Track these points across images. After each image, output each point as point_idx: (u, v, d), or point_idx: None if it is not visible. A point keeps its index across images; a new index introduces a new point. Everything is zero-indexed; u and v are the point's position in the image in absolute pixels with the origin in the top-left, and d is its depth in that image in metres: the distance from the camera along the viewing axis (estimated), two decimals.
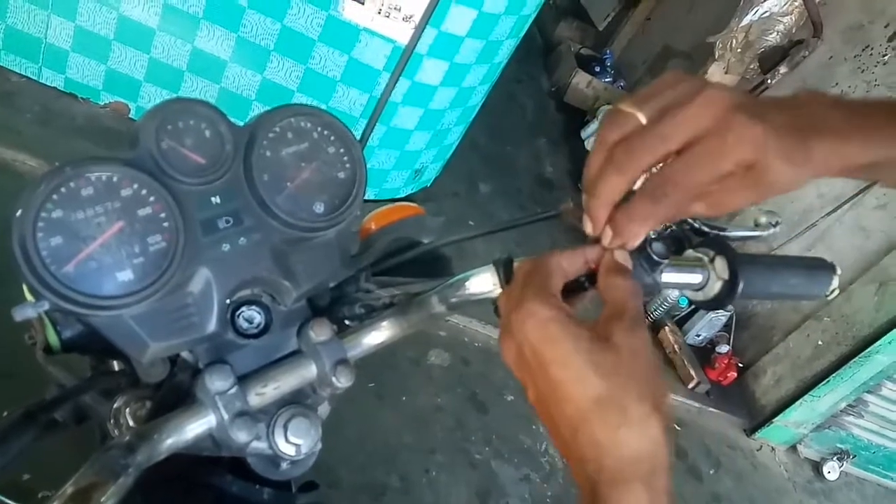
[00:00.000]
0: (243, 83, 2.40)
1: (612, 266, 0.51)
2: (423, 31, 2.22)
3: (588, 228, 0.52)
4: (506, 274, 0.58)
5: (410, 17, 2.21)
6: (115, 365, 0.67)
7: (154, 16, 2.23)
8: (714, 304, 0.60)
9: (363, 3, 2.17)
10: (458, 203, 3.17)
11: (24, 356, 0.61)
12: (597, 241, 0.52)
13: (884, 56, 2.97)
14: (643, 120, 0.48)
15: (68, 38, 2.28)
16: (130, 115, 2.48)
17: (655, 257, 0.56)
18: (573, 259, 0.52)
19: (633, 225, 0.49)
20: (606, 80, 4.40)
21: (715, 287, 0.59)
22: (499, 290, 0.58)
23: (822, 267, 0.64)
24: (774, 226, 0.66)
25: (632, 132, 0.48)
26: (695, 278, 0.59)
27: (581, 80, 4.32)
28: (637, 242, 0.51)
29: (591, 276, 0.53)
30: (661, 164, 0.48)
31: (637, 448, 0.42)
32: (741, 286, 0.57)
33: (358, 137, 0.62)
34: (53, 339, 0.58)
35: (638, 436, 0.42)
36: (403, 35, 2.26)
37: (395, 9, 2.19)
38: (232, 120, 0.60)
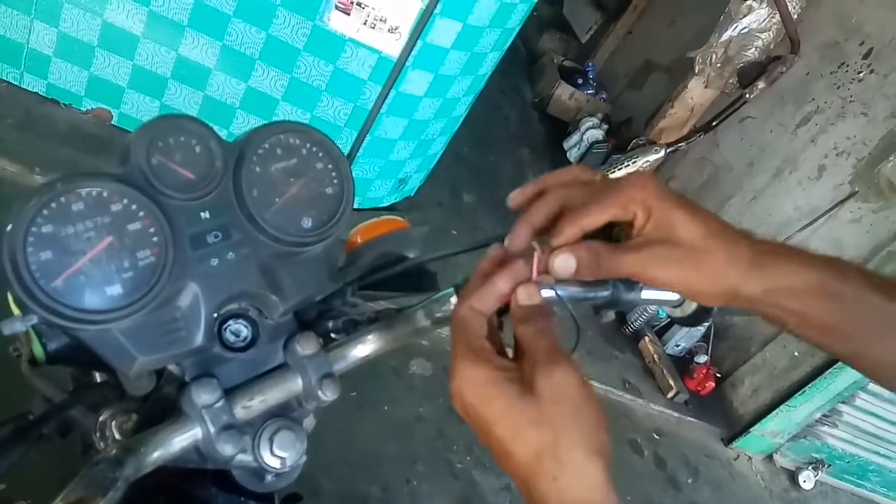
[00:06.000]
0: (228, 91, 2.39)
1: (518, 314, 0.50)
2: (414, 43, 2.23)
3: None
4: None
5: (396, 28, 2.23)
6: (98, 376, 0.67)
7: (138, 23, 2.22)
8: (691, 320, 0.62)
9: (349, 14, 2.19)
10: (442, 212, 3.18)
11: (8, 368, 0.61)
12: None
13: (859, 73, 3.04)
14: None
15: (51, 44, 2.26)
16: (113, 122, 2.46)
17: None
18: (483, 298, 0.51)
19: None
20: (588, 91, 4.45)
21: (692, 305, 0.61)
22: None
23: None
24: None
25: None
26: (672, 296, 0.61)
27: (564, 91, 4.37)
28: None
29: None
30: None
31: (575, 496, 0.42)
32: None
33: (344, 149, 0.63)
34: (39, 351, 0.58)
35: (575, 485, 0.43)
36: (388, 46, 2.27)
37: (380, 20, 2.21)
38: (222, 136, 0.61)
